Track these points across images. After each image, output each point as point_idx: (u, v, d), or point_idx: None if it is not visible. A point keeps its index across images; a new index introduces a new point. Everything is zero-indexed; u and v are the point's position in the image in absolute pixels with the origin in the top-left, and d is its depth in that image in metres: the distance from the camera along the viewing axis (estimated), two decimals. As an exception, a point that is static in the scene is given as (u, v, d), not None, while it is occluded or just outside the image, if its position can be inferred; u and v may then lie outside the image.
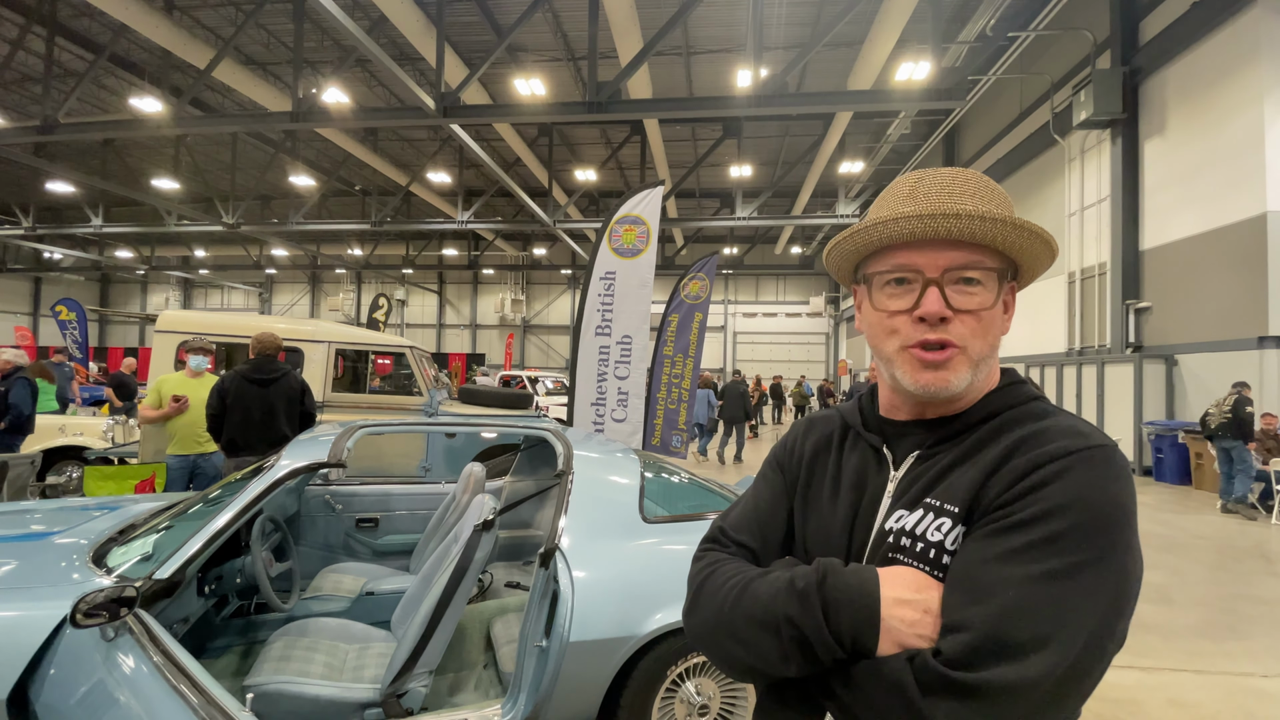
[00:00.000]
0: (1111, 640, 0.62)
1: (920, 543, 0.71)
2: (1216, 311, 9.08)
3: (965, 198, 0.74)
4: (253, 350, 4.31)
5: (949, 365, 0.72)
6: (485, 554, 2.16)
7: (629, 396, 5.59)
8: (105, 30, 12.69)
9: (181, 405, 4.37)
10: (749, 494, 0.93)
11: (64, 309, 17.41)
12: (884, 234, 0.75)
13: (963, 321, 0.72)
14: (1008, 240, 0.73)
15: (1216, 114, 9.01)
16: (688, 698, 2.29)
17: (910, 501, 0.74)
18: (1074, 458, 0.65)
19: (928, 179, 0.77)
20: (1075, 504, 0.63)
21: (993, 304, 0.73)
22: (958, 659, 0.60)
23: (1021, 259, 0.76)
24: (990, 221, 0.71)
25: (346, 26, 7.51)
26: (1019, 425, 0.72)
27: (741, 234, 26.94)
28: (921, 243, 0.74)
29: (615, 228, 5.66)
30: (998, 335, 0.75)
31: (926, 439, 0.78)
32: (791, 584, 0.70)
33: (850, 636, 0.66)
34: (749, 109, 8.54)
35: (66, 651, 1.66)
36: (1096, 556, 0.61)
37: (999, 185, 0.78)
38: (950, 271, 0.73)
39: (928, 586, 0.67)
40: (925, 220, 0.72)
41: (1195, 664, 3.41)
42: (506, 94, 14.87)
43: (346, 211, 25.50)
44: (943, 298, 0.72)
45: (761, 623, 0.70)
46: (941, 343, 0.72)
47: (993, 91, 14.03)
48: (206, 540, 2.02)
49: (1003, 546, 0.63)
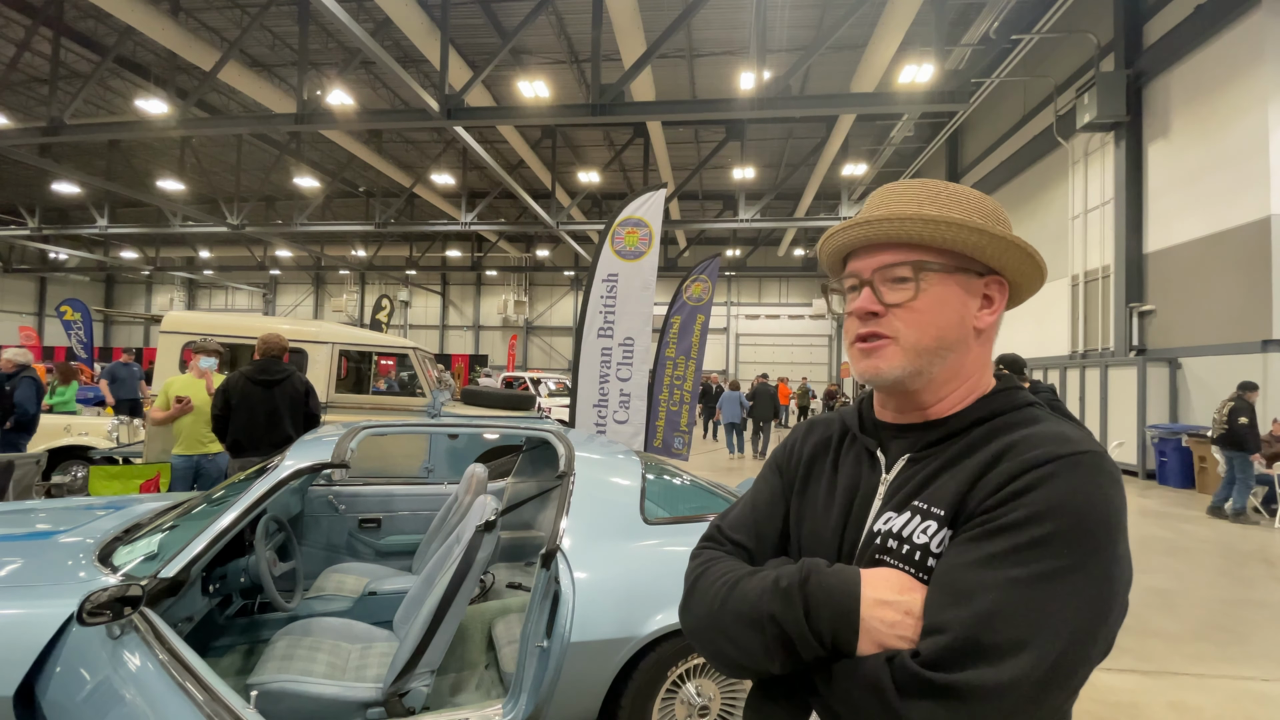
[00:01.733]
0: (1093, 645, 0.62)
1: (906, 545, 0.72)
2: (1220, 315, 9.06)
3: (909, 203, 0.77)
4: (258, 351, 4.33)
5: (880, 353, 0.76)
6: (487, 555, 2.17)
7: (631, 398, 5.60)
8: (111, 32, 12.76)
9: (185, 406, 4.39)
10: (748, 494, 0.94)
11: (69, 309, 17.49)
12: (840, 242, 0.81)
13: (894, 315, 0.76)
14: (927, 235, 0.75)
15: (1220, 117, 8.99)
16: (688, 699, 2.30)
17: (899, 504, 0.75)
18: (1060, 463, 0.66)
19: (884, 191, 0.82)
20: (1059, 509, 0.63)
21: (915, 297, 0.75)
22: (935, 660, 0.60)
23: (970, 252, 0.76)
24: (899, 221, 0.74)
25: (351, 29, 7.54)
26: (1009, 431, 0.73)
27: (744, 236, 26.95)
28: (863, 249, 0.80)
29: (618, 230, 5.67)
30: (947, 327, 0.76)
31: (918, 442, 0.79)
32: (776, 582, 0.72)
33: (830, 635, 0.67)
34: (752, 111, 8.55)
35: (73, 649, 1.67)
36: (1079, 562, 0.62)
37: (976, 192, 0.80)
38: (880, 271, 0.77)
39: (910, 589, 0.68)
40: (867, 227, 0.77)
41: (1197, 668, 3.41)
42: (510, 96, 14.91)
43: (350, 213, 25.58)
44: (875, 294, 0.76)
45: (748, 620, 0.72)
46: (873, 334, 0.76)
47: (996, 94, 14.02)
48: (211, 540, 2.03)
49: (985, 550, 0.64)
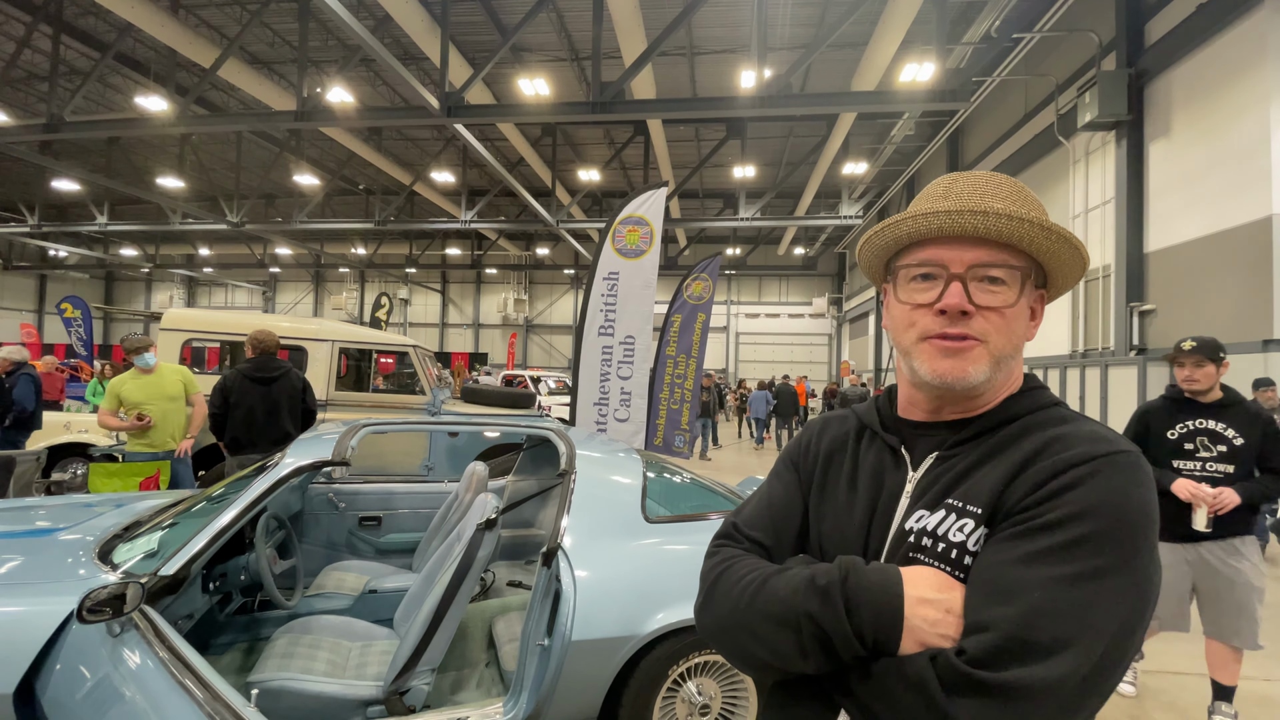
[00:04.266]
0: (1132, 644, 0.62)
1: (941, 543, 0.71)
2: (1221, 314, 9.05)
3: (997, 199, 0.75)
4: (250, 349, 4.30)
5: (968, 355, 0.73)
6: (487, 553, 2.17)
7: (632, 396, 5.60)
8: (111, 29, 12.73)
9: (146, 424, 4.30)
10: (762, 491, 0.92)
11: (69, 306, 17.49)
12: (914, 228, 0.76)
13: (985, 317, 0.73)
14: (1035, 243, 0.73)
15: (1222, 116, 8.98)
16: (689, 697, 2.29)
17: (931, 502, 0.74)
18: (1100, 462, 0.66)
19: (963, 179, 0.78)
20: (1101, 508, 0.63)
21: (1014, 302, 0.74)
22: (981, 658, 0.60)
23: (1050, 264, 0.76)
24: (1018, 221, 0.72)
25: (351, 26, 7.52)
26: (1042, 429, 0.73)
27: (744, 235, 26.92)
28: (949, 239, 0.75)
29: (619, 228, 5.66)
30: (1020, 337, 0.76)
31: (947, 439, 0.77)
32: (812, 581, 0.70)
33: (873, 635, 0.66)
34: (753, 110, 8.53)
35: (72, 647, 1.67)
36: (1121, 561, 0.62)
37: (1033, 193, 0.78)
38: (975, 268, 0.74)
39: (950, 587, 0.67)
40: (954, 216, 0.73)
41: (1197, 667, 3.40)
42: (510, 94, 14.88)
43: (350, 210, 25.55)
44: (965, 293, 0.73)
45: (780, 619, 0.70)
46: (962, 335, 0.73)
47: (997, 93, 13.99)
48: (211, 537, 2.02)
49: (1027, 548, 0.64)
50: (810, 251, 26.46)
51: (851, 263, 27.49)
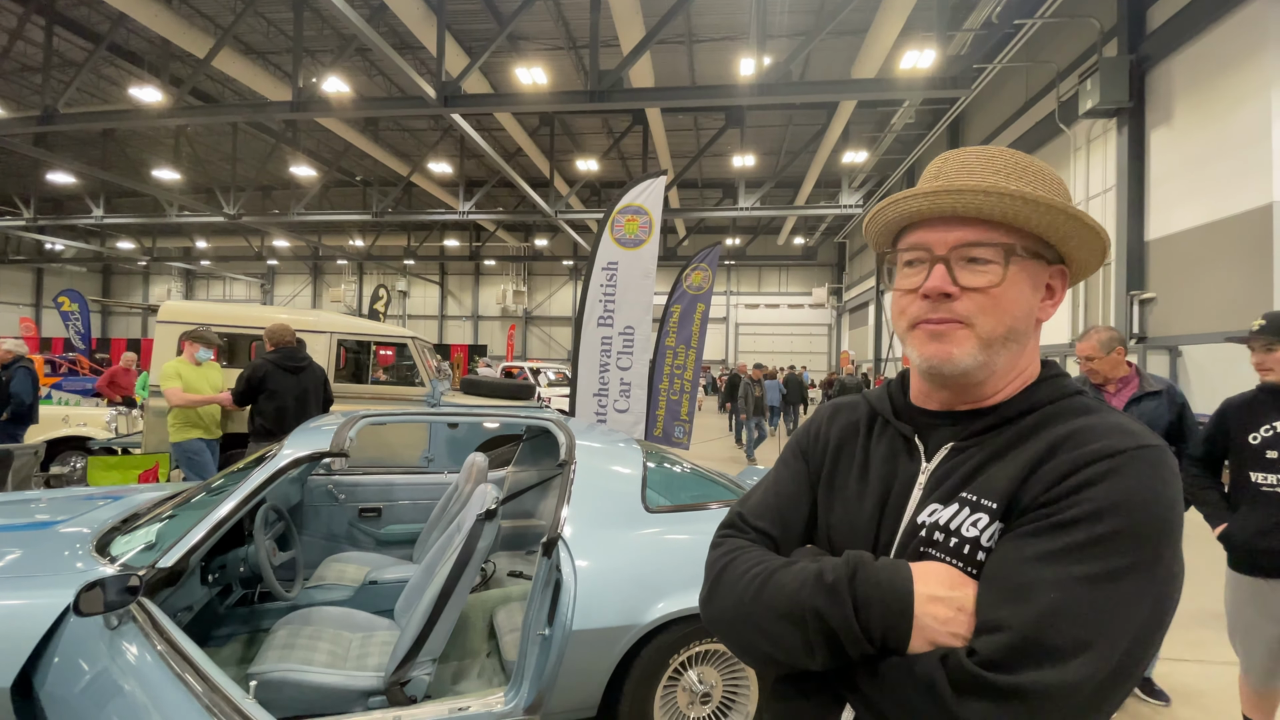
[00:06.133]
0: (1152, 647, 0.60)
1: (954, 538, 0.68)
2: (1222, 302, 9.03)
3: (986, 174, 0.72)
4: (269, 341, 4.44)
5: (952, 338, 0.70)
6: (488, 543, 2.16)
7: (631, 387, 5.58)
8: (104, 19, 12.61)
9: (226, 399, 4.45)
10: (769, 480, 0.90)
11: (66, 300, 17.46)
12: (898, 212, 0.74)
13: (970, 299, 0.70)
14: (1021, 216, 0.69)
15: (1224, 103, 8.92)
16: (690, 686, 2.30)
17: (945, 495, 0.71)
18: (1122, 457, 0.63)
19: (954, 157, 0.75)
20: (1123, 506, 0.60)
21: (1000, 281, 0.70)
22: (993, 660, 0.58)
23: (1052, 237, 0.72)
24: (996, 196, 0.68)
25: (346, 15, 7.44)
26: (1061, 420, 0.70)
27: (744, 224, 26.84)
28: (934, 221, 0.73)
29: (617, 218, 5.63)
30: (1019, 319, 0.71)
31: (962, 430, 0.74)
32: (820, 576, 0.68)
33: (881, 633, 0.64)
34: (752, 98, 8.46)
35: (70, 640, 1.66)
36: (1142, 561, 0.59)
37: (1042, 163, 0.74)
38: (958, 249, 0.71)
39: (962, 584, 0.65)
40: (931, 198, 0.70)
41: (1198, 654, 3.41)
42: (508, 83, 14.78)
43: (347, 202, 25.45)
44: (949, 275, 0.70)
45: (786, 614, 0.68)
46: (944, 319, 0.71)
47: (998, 80, 13.90)
48: (210, 529, 2.02)
49: (1044, 546, 0.61)
50: (810, 241, 26.40)
51: (851, 252, 27.43)
